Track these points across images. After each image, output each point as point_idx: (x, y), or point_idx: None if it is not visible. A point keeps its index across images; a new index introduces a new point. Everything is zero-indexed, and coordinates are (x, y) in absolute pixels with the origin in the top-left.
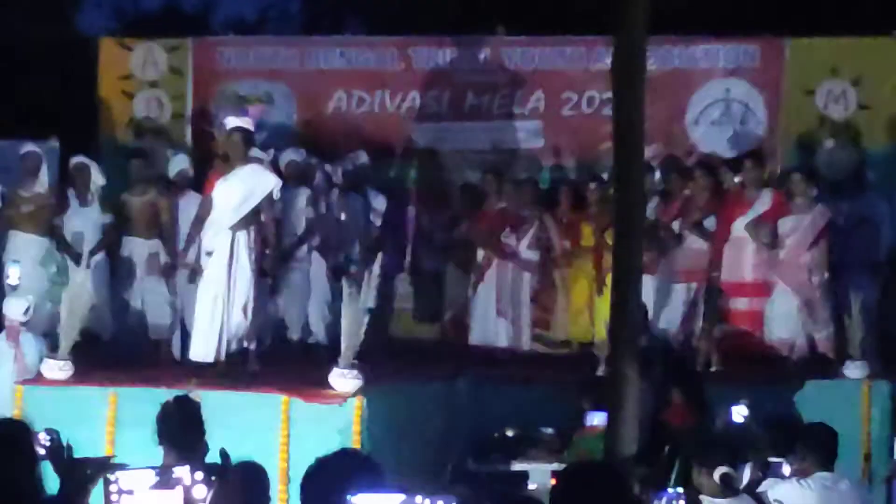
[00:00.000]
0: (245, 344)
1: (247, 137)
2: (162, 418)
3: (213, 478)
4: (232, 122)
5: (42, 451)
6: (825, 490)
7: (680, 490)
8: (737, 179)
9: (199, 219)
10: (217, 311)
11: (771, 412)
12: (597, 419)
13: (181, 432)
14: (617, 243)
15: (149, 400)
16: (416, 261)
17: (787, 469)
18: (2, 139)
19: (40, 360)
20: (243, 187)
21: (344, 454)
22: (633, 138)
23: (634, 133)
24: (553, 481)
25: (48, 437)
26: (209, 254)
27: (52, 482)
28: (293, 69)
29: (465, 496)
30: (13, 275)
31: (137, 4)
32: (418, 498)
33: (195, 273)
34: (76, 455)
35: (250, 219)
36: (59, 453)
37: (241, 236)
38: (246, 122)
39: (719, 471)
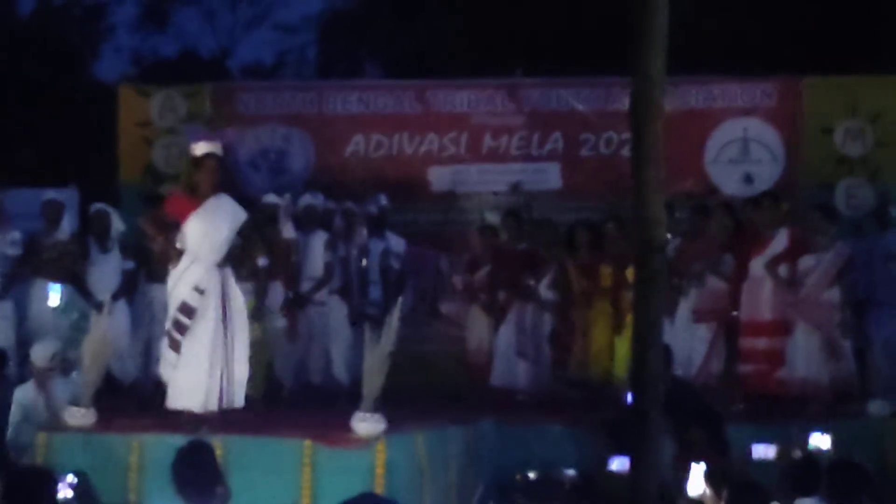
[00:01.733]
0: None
1: (220, 164)
2: (176, 465)
3: None
4: (202, 147)
5: (70, 494)
6: None
7: None
8: (754, 219)
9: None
10: (217, 355)
11: (794, 451)
12: (620, 463)
13: (196, 479)
14: (637, 285)
15: (172, 446)
16: (435, 303)
17: None
18: (22, 187)
19: (67, 406)
20: (226, 219)
21: (366, 499)
22: (652, 180)
23: (653, 174)
24: None
25: (75, 480)
26: (200, 291)
27: None
28: (311, 113)
29: None
30: (54, 298)
31: (156, 52)
32: None
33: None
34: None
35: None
36: (88, 495)
37: (229, 273)
38: (216, 147)
39: None
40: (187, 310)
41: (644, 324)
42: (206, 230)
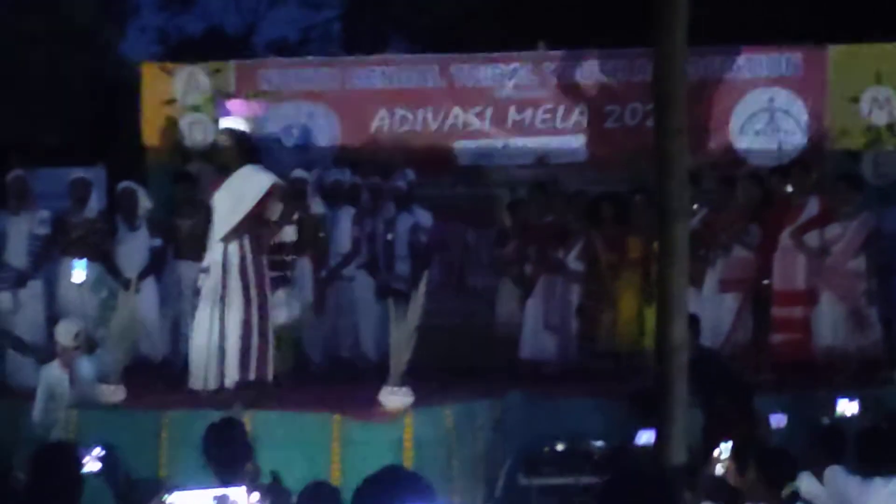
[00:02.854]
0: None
1: (240, 138)
2: (207, 441)
3: (269, 500)
4: (223, 122)
5: (98, 466)
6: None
7: None
8: (782, 188)
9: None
10: (214, 332)
11: (822, 419)
12: (647, 436)
13: (227, 455)
14: (661, 256)
15: (201, 422)
16: (463, 277)
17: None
18: (50, 167)
19: (95, 384)
20: (230, 195)
21: (392, 471)
22: (675, 150)
23: (676, 144)
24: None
25: (102, 452)
26: (204, 270)
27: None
28: (335, 89)
29: None
30: (79, 275)
31: (180, 30)
32: None
33: (195, 293)
34: (131, 478)
35: (244, 227)
36: (116, 468)
37: (233, 248)
38: (238, 123)
39: (788, 487)
40: (196, 291)
41: (667, 294)
42: (217, 206)
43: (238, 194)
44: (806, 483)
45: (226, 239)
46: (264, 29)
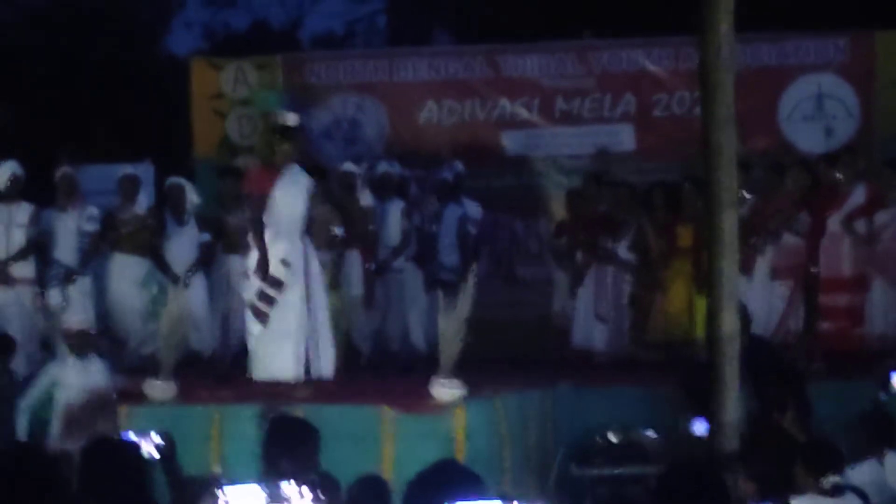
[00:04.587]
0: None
1: (292, 134)
2: (267, 438)
3: (321, 494)
4: (291, 118)
5: (155, 454)
6: None
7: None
8: (831, 175)
9: (258, 222)
10: (303, 326)
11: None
12: (701, 426)
13: (289, 451)
14: (711, 244)
15: (252, 417)
16: (511, 267)
17: None
18: (98, 163)
19: (105, 379)
20: (302, 190)
21: (443, 466)
22: (724, 138)
23: (724, 133)
24: None
25: (160, 439)
26: (286, 264)
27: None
28: (382, 81)
29: (563, 502)
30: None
31: (226, 25)
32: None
33: (276, 283)
34: (184, 473)
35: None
36: (172, 456)
37: (308, 243)
38: (292, 119)
39: (830, 478)
40: (275, 282)
41: (718, 282)
42: (288, 201)
43: (296, 193)
44: (868, 471)
45: (303, 236)
46: (310, 23)
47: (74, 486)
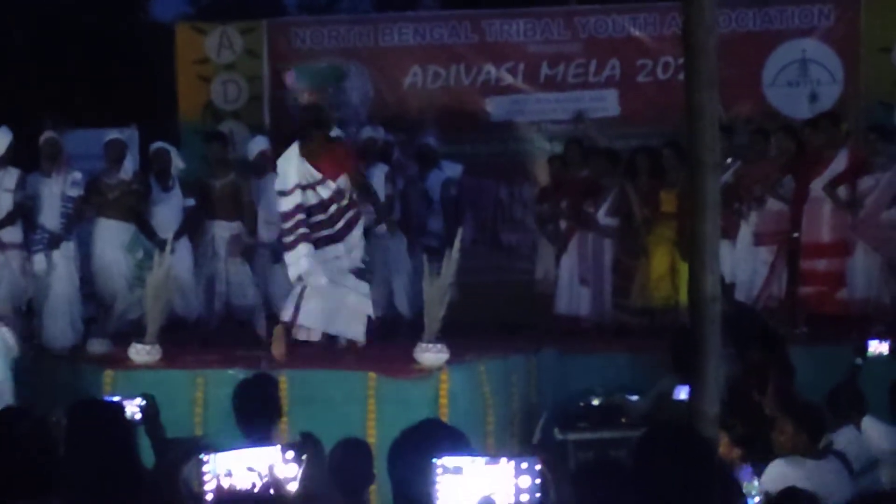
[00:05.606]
0: None
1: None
2: (237, 398)
3: (302, 457)
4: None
5: (139, 416)
6: None
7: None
8: (815, 140)
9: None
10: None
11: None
12: (685, 393)
13: (256, 410)
14: (693, 208)
15: (235, 381)
16: (496, 233)
17: None
18: (83, 128)
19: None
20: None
21: (429, 424)
22: (707, 102)
23: (707, 97)
24: None
25: (143, 402)
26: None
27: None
28: (367, 47)
29: (549, 460)
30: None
31: None
32: (502, 459)
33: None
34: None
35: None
36: (155, 418)
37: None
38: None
39: (825, 438)
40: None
41: (699, 246)
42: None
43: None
44: (846, 436)
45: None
46: None
47: (61, 447)
